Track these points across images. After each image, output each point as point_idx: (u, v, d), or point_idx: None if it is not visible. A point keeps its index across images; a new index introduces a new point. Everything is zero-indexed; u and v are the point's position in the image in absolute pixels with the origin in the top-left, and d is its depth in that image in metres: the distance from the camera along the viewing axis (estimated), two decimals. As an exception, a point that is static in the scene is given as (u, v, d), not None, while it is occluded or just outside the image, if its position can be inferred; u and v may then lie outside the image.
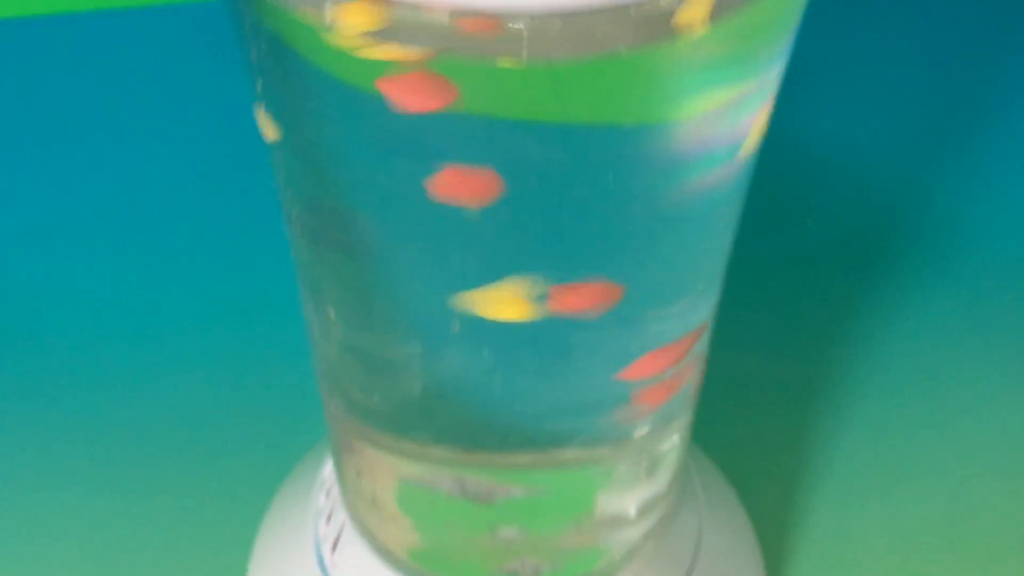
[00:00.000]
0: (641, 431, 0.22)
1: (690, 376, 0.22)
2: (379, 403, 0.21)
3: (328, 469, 0.27)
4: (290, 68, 0.16)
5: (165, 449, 0.32)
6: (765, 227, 0.38)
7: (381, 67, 0.15)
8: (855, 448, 0.33)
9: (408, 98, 0.14)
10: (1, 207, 0.37)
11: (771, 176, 0.39)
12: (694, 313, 0.21)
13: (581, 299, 0.18)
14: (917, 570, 0.31)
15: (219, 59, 0.42)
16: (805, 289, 0.37)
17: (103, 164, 0.39)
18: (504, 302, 0.18)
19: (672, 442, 0.23)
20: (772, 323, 0.36)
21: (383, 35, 0.14)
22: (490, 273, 0.18)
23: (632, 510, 0.23)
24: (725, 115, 0.17)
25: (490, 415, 0.21)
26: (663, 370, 0.21)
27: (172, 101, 0.40)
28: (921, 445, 0.33)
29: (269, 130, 0.18)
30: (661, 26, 0.14)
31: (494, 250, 0.18)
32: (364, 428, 0.22)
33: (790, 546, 0.31)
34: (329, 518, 0.27)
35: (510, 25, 0.14)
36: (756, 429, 0.33)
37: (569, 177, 0.16)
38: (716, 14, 0.15)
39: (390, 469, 0.23)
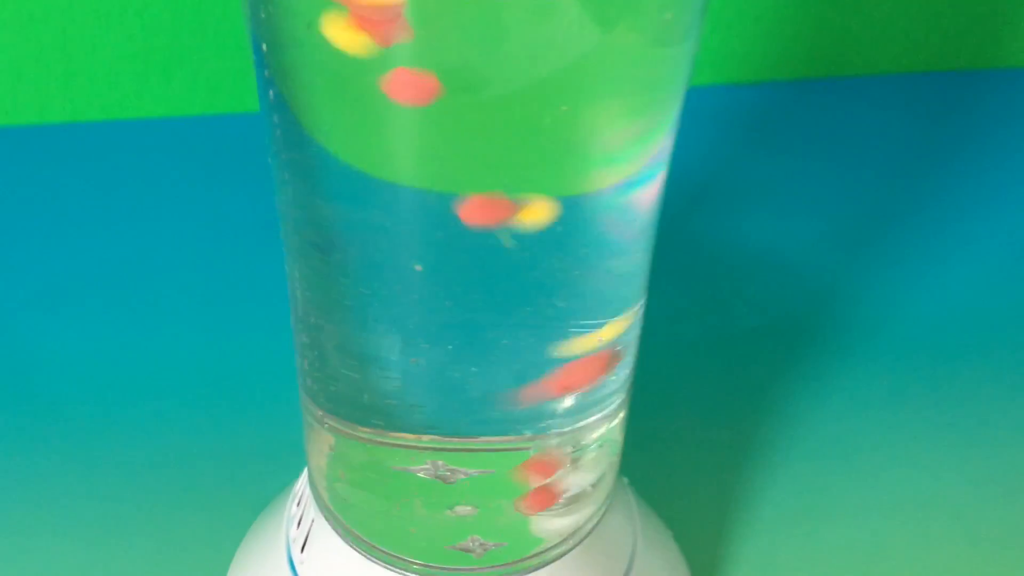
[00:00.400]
0: (565, 419, 0.25)
1: (610, 368, 0.25)
2: (366, 399, 0.25)
3: (300, 482, 0.30)
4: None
5: (165, 489, 0.35)
6: (703, 311, 0.42)
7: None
8: (780, 499, 0.36)
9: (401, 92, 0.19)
10: (14, 280, 0.41)
11: (709, 270, 0.43)
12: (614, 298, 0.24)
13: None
14: (835, 603, 0.34)
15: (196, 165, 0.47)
16: (737, 363, 0.40)
17: (105, 244, 0.43)
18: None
19: (591, 438, 0.26)
20: (708, 391, 0.39)
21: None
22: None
23: (560, 498, 0.26)
24: (624, 118, 0.21)
25: (450, 404, 0.24)
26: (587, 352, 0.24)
27: (163, 190, 0.45)
28: (836, 496, 0.36)
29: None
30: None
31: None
32: (347, 423, 0.26)
33: (719, 580, 0.34)
34: (299, 523, 0.29)
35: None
36: (693, 482, 0.36)
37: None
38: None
39: (367, 457, 0.26)
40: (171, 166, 0.46)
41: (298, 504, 0.30)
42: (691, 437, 0.38)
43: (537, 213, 0.22)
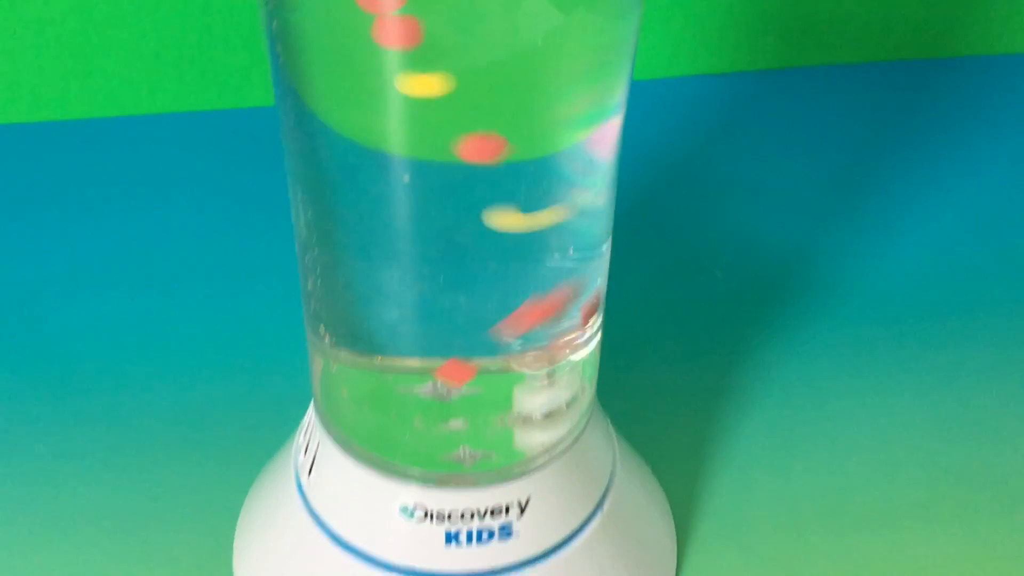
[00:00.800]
0: (542, 342, 0.28)
1: (579, 295, 0.28)
2: (369, 328, 0.28)
3: (306, 416, 0.33)
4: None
5: (182, 440, 0.38)
6: (683, 275, 0.45)
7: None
8: (753, 440, 0.39)
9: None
10: (39, 263, 0.44)
11: (688, 240, 0.46)
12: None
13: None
14: (801, 532, 0.36)
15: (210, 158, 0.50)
16: (715, 320, 0.43)
17: (122, 228, 0.46)
18: None
19: (564, 356, 0.29)
20: (689, 344, 0.42)
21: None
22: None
23: (538, 414, 0.29)
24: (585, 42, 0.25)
25: (447, 329, 0.27)
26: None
27: (179, 183, 0.48)
28: (804, 436, 0.39)
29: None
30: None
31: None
32: (352, 351, 0.29)
33: (696, 510, 0.37)
34: (306, 450, 0.32)
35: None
36: (672, 425, 0.39)
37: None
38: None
39: (372, 380, 0.29)
40: (182, 158, 0.49)
41: (305, 434, 0.32)
42: (671, 385, 0.40)
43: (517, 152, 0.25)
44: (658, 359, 0.41)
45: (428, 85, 0.23)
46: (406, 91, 0.23)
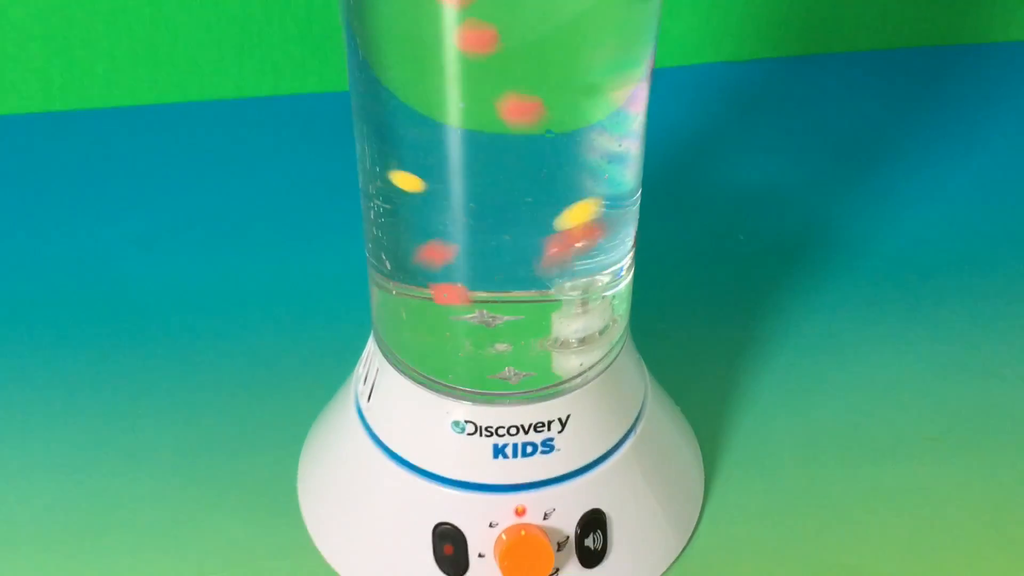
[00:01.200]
0: (575, 277, 0.32)
1: (609, 238, 0.32)
2: (427, 265, 0.31)
3: (365, 350, 0.36)
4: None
5: (248, 383, 0.42)
6: (710, 239, 0.48)
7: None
8: (774, 383, 0.42)
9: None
10: (123, 222, 0.48)
11: (715, 206, 0.49)
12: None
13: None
14: (819, 463, 0.39)
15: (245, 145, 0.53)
16: (739, 276, 0.46)
17: (190, 198, 0.50)
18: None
19: (597, 289, 0.32)
20: (715, 300, 0.45)
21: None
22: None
23: (573, 339, 0.32)
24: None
25: (491, 266, 0.31)
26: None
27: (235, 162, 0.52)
28: (822, 380, 0.42)
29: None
30: None
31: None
32: (412, 285, 0.32)
33: (721, 445, 0.40)
34: (365, 379, 0.35)
35: None
36: (700, 369, 0.42)
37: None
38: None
39: (428, 310, 0.32)
40: (243, 139, 0.53)
41: (365, 365, 0.36)
42: (699, 335, 0.44)
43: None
44: (687, 314, 0.45)
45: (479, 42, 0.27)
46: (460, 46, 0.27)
